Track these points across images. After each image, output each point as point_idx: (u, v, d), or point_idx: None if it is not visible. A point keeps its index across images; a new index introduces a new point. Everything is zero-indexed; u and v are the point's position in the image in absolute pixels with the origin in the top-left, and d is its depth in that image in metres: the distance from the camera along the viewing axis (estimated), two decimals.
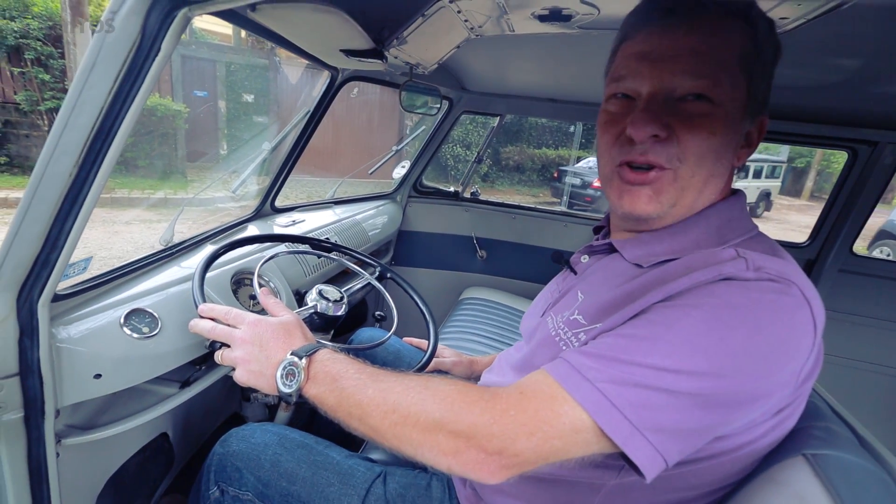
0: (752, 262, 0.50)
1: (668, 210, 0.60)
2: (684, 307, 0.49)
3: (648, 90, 0.57)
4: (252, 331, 0.67)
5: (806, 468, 0.51)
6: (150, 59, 0.52)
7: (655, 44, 0.57)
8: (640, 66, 0.58)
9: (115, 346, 0.76)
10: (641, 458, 0.46)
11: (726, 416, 0.48)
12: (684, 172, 0.57)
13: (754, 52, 0.56)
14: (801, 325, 0.48)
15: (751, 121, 0.59)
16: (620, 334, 0.52)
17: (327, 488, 0.74)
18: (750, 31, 0.56)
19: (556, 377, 0.51)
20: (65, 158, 0.55)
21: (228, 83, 8.03)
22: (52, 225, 0.58)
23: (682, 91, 0.56)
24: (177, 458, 1.06)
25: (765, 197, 11.22)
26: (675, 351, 0.47)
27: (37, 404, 0.65)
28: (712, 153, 0.57)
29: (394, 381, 0.57)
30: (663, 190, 0.58)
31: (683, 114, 0.56)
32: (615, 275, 0.64)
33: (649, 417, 0.46)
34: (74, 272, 0.77)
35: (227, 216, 1.41)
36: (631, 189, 0.60)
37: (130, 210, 5.38)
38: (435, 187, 2.27)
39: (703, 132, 0.55)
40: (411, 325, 1.41)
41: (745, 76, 0.56)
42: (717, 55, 0.55)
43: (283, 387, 0.61)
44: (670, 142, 0.56)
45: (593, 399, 0.47)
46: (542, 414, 0.49)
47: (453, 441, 0.50)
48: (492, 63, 1.53)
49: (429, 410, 0.52)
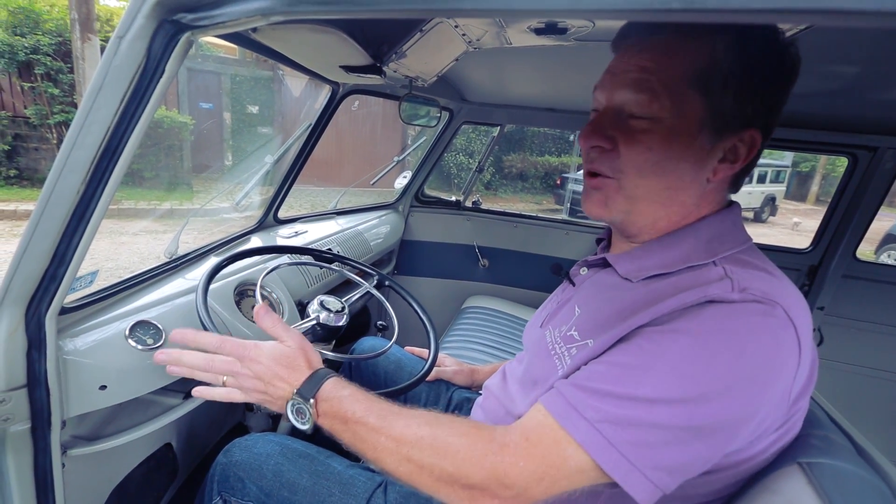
0: (737, 283, 0.51)
1: (624, 217, 0.63)
2: (672, 333, 0.51)
3: (604, 104, 0.62)
4: (254, 367, 0.66)
5: (800, 476, 0.51)
6: (154, 81, 0.54)
7: (617, 62, 0.61)
8: (604, 79, 0.62)
9: (120, 358, 0.78)
10: (640, 493, 0.49)
11: (721, 442, 0.50)
12: (626, 183, 0.60)
13: (712, 69, 0.55)
14: (785, 346, 0.49)
15: (716, 136, 0.57)
16: (612, 363, 0.54)
17: (328, 498, 0.75)
18: (707, 49, 0.55)
19: (556, 416, 0.53)
20: (73, 176, 0.57)
21: (234, 95, 8.16)
22: (60, 240, 0.60)
23: (627, 108, 0.58)
24: (181, 468, 1.07)
25: (769, 202, 11.18)
26: (665, 380, 0.49)
27: (43, 415, 0.67)
28: (655, 166, 0.58)
29: (403, 427, 0.58)
30: (610, 197, 0.62)
31: (627, 129, 0.58)
32: (608, 289, 0.66)
33: (647, 455, 0.49)
34: (81, 285, 0.78)
35: (231, 227, 1.43)
36: (588, 192, 0.65)
37: (137, 221, 5.45)
38: (437, 197, 2.29)
39: (640, 146, 0.58)
40: (413, 335, 1.42)
41: (700, 92, 0.55)
42: (661, 73, 0.56)
43: (298, 423, 0.63)
44: (613, 154, 0.60)
45: (594, 441, 0.50)
46: (549, 459, 0.52)
47: (468, 492, 0.53)
48: (491, 74, 1.56)
49: (442, 464, 0.54)
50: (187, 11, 0.50)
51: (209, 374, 0.67)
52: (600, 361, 0.55)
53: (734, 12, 0.27)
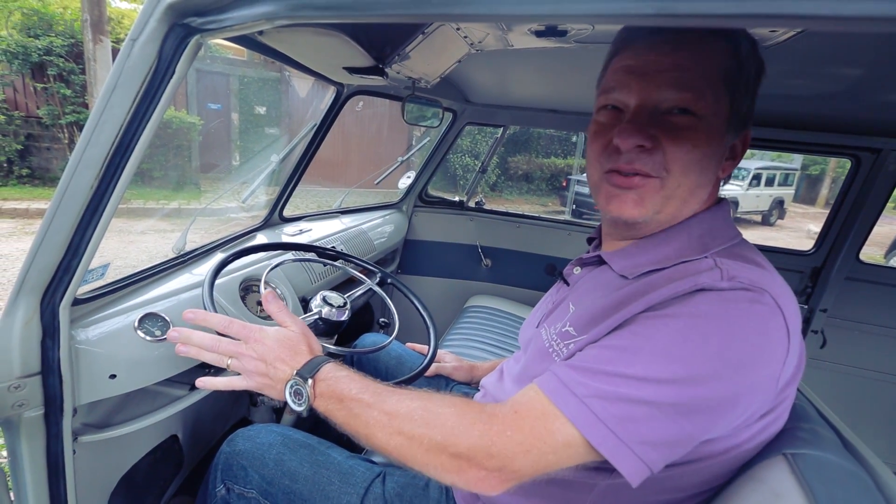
0: (726, 272, 0.53)
1: (652, 216, 0.62)
2: (664, 317, 0.52)
3: (636, 102, 0.60)
4: (258, 348, 0.69)
5: (784, 466, 0.52)
6: (165, 81, 0.57)
7: (643, 59, 0.60)
8: (629, 79, 0.60)
9: (130, 348, 0.81)
10: (627, 467, 0.50)
11: (707, 422, 0.51)
12: (670, 182, 0.59)
13: (737, 70, 0.58)
14: (774, 331, 0.51)
15: (734, 135, 0.62)
16: (605, 346, 0.55)
17: (328, 487, 0.77)
18: (732, 50, 0.58)
19: (547, 392, 0.54)
20: (87, 172, 0.59)
21: (241, 96, 8.24)
22: (74, 233, 0.63)
23: (667, 104, 0.58)
24: (186, 460, 1.10)
25: (778, 205, 11.08)
26: (655, 361, 0.50)
27: (56, 402, 0.69)
28: (697, 164, 0.59)
29: (396, 402, 0.59)
30: (648, 196, 0.60)
31: (668, 126, 0.58)
32: (603, 286, 0.67)
33: (634, 430, 0.50)
34: (93, 278, 0.81)
35: (237, 226, 1.46)
36: (619, 193, 0.62)
37: (146, 220, 5.52)
38: (440, 197, 2.31)
39: (688, 144, 0.58)
40: (416, 333, 1.44)
41: (728, 92, 0.58)
42: (700, 71, 0.57)
43: (294, 405, 0.65)
44: (656, 152, 0.58)
45: (581, 414, 0.51)
46: (537, 431, 0.52)
47: (455, 461, 0.54)
48: (494, 76, 1.58)
49: (431, 434, 0.55)
50: (197, 15, 0.52)
51: (214, 356, 0.69)
52: (594, 346, 0.57)
53: (706, 17, 0.29)
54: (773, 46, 0.91)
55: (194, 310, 0.73)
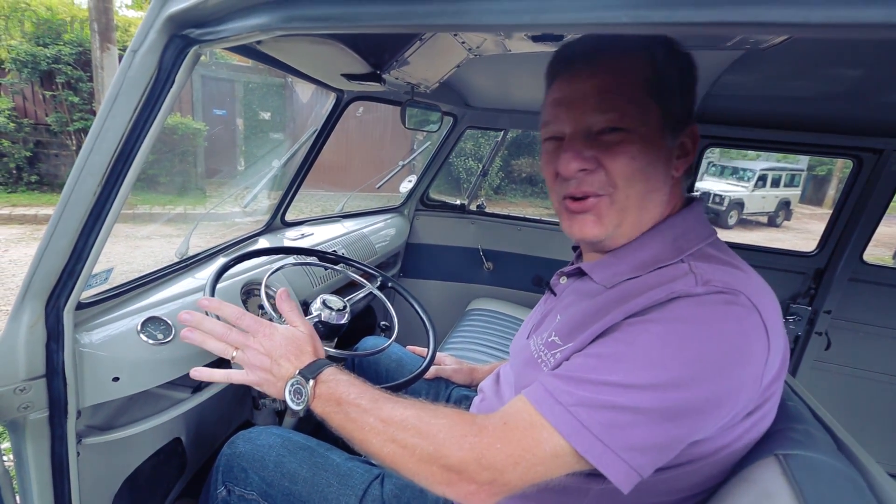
0: (700, 277, 0.54)
1: (614, 230, 0.65)
2: (644, 323, 0.54)
3: (570, 130, 0.64)
4: (265, 343, 0.70)
5: (776, 467, 0.52)
6: (165, 91, 0.58)
7: (568, 89, 0.64)
8: (558, 111, 0.64)
9: (133, 352, 0.82)
10: (616, 474, 0.51)
11: (692, 425, 0.51)
12: (619, 195, 0.62)
13: (658, 77, 0.61)
14: (751, 331, 0.51)
15: (675, 135, 0.63)
16: (589, 354, 0.57)
17: (326, 488, 0.78)
18: (648, 59, 0.61)
19: (534, 402, 0.56)
20: (90, 179, 0.61)
21: (246, 102, 8.31)
22: (78, 238, 0.64)
23: (597, 126, 0.61)
24: (189, 463, 1.11)
25: (784, 206, 11.00)
26: (636, 367, 0.51)
27: (60, 404, 0.71)
28: (640, 173, 0.61)
29: (391, 409, 0.61)
30: (604, 213, 0.64)
31: (603, 145, 0.61)
32: (585, 295, 0.69)
33: (620, 437, 0.50)
34: (97, 282, 0.83)
35: (240, 230, 1.48)
36: (576, 217, 0.65)
37: (151, 225, 5.57)
38: (441, 200, 2.32)
39: (624, 157, 0.60)
40: (418, 336, 1.44)
41: (655, 99, 0.61)
42: (620, 89, 0.60)
43: (292, 403, 0.66)
44: (598, 171, 0.62)
45: (567, 423, 0.52)
46: (525, 443, 0.53)
47: (447, 474, 0.55)
48: (493, 80, 1.59)
49: (423, 444, 0.56)
50: (195, 27, 0.54)
51: (221, 345, 0.71)
52: (579, 355, 0.58)
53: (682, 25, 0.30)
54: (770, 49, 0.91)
55: (209, 297, 0.75)
